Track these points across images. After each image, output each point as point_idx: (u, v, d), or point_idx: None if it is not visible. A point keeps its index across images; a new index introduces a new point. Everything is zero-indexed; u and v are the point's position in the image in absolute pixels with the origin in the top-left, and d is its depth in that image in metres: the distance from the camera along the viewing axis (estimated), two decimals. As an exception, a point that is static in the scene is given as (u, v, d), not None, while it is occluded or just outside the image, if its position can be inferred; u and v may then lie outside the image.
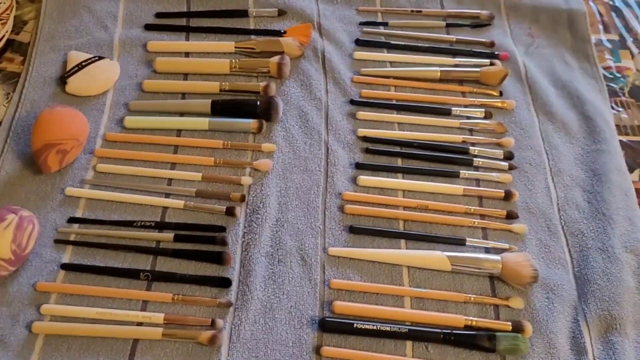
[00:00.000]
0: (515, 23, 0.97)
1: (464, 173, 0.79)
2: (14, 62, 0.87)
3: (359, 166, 0.79)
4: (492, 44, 0.93)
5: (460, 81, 0.89)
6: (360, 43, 0.92)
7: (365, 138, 0.82)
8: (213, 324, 0.65)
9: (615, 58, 0.96)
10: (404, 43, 0.93)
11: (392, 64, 0.90)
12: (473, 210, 0.76)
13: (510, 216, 0.76)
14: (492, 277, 0.71)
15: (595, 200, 0.78)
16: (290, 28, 0.91)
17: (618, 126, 0.87)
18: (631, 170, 0.82)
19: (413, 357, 0.65)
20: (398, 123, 0.84)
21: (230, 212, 0.73)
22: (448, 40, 0.94)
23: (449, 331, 0.66)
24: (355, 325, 0.66)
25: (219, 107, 0.82)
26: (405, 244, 0.73)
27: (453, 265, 0.70)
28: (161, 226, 0.72)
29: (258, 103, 0.81)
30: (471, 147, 0.82)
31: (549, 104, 0.87)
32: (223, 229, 0.72)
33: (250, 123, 0.80)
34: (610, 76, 0.93)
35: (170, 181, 0.76)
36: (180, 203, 0.74)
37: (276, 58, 0.85)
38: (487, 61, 0.90)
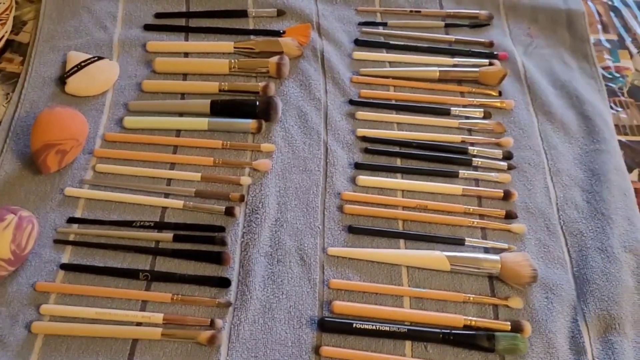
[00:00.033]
0: (514, 23, 0.97)
1: (463, 173, 0.79)
2: (14, 63, 0.87)
3: (358, 166, 0.79)
4: (491, 44, 0.93)
5: (459, 81, 0.89)
6: (359, 43, 0.92)
7: (364, 138, 0.82)
8: (212, 324, 0.64)
9: (614, 58, 0.96)
10: (403, 43, 0.93)
11: (391, 64, 0.90)
12: (472, 210, 0.76)
13: (509, 216, 0.76)
14: (491, 277, 0.71)
15: (594, 200, 0.78)
16: (289, 28, 0.91)
17: (617, 126, 0.87)
18: (630, 170, 0.82)
19: (412, 357, 0.65)
20: (397, 123, 0.84)
21: (229, 212, 0.73)
22: (447, 40, 0.94)
23: (448, 331, 0.66)
24: (354, 325, 0.66)
25: (218, 107, 0.82)
26: (404, 244, 0.73)
27: (452, 265, 0.70)
28: (160, 226, 0.72)
29: (257, 103, 0.81)
30: (470, 147, 0.82)
31: (548, 104, 0.87)
32: (222, 229, 0.72)
33: (249, 123, 0.80)
34: (609, 76, 0.93)
35: (169, 181, 0.76)
36: (179, 203, 0.74)
37: (275, 58, 0.85)
38: (486, 61, 0.90)
